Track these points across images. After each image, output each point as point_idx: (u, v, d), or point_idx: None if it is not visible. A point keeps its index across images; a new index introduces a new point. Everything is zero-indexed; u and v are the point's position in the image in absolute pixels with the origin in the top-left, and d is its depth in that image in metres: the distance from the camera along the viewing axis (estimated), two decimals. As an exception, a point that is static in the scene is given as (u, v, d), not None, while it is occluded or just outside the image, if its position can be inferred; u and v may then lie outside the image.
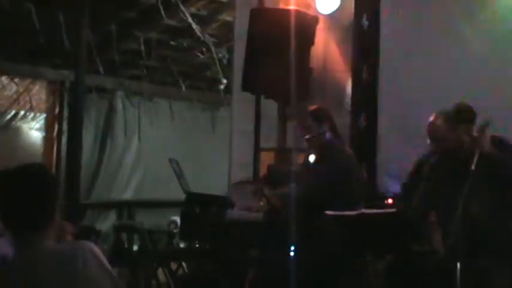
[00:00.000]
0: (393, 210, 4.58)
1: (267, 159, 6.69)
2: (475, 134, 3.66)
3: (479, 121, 3.78)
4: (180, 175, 5.40)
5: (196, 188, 5.64)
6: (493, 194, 3.70)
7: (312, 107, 5.04)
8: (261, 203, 4.92)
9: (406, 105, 5.77)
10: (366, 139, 6.08)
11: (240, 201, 5.56)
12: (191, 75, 9.51)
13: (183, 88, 9.53)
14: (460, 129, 3.80)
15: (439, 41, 5.62)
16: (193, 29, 8.39)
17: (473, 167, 3.46)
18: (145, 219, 7.10)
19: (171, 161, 5.46)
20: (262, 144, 6.96)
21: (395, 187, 5.42)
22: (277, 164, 6.39)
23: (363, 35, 6.13)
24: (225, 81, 8.83)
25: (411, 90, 5.77)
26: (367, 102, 6.14)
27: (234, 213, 5.09)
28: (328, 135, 4.77)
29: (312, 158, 4.87)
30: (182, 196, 5.37)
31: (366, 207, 4.46)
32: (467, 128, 3.79)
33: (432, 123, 3.89)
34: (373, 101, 6.06)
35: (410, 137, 5.42)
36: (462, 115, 3.86)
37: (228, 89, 7.95)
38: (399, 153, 5.66)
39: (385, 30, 5.97)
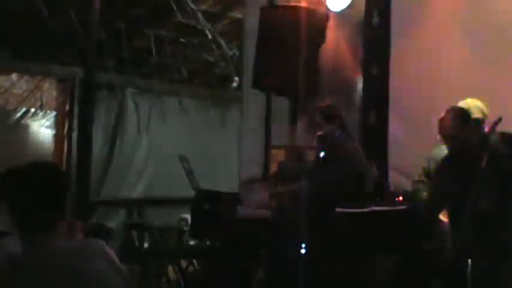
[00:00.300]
0: (403, 207, 4.58)
1: (277, 156, 6.68)
2: (486, 130, 3.67)
3: (491, 118, 3.80)
4: (189, 172, 5.40)
5: (206, 185, 5.64)
6: (503, 191, 3.68)
7: (322, 104, 5.08)
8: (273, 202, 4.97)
9: (416, 103, 5.77)
10: (376, 136, 6.09)
11: (250, 198, 5.54)
12: (201, 72, 9.51)
13: (194, 86, 9.55)
14: (470, 127, 3.77)
15: (450, 37, 5.63)
16: (203, 27, 8.37)
17: (483, 165, 3.45)
18: (155, 217, 7.12)
19: (181, 158, 5.46)
20: (273, 142, 6.97)
21: (406, 184, 5.40)
22: (288, 161, 6.37)
23: (374, 33, 6.16)
24: (236, 78, 8.83)
25: (421, 88, 5.76)
26: (377, 100, 6.15)
27: (244, 210, 5.07)
28: (337, 132, 4.78)
29: (321, 155, 4.88)
30: (192, 193, 5.39)
31: (376, 205, 4.52)
32: (476, 126, 3.85)
33: (442, 120, 3.83)
34: (384, 98, 6.06)
35: (421, 134, 5.42)
36: (472, 112, 3.88)
37: (239, 86, 8.10)
38: (409, 150, 5.66)
39: (395, 27, 5.99)
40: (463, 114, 3.80)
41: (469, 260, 3.42)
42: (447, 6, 5.68)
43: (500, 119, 3.61)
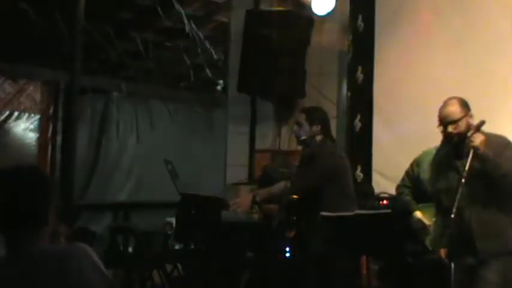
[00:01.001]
0: (388, 211, 4.62)
1: (262, 160, 6.69)
2: (469, 133, 3.67)
3: (476, 120, 3.80)
4: (174, 176, 5.34)
5: (192, 189, 5.55)
6: (487, 193, 3.72)
7: (306, 108, 5.09)
8: (253, 212, 4.89)
9: (401, 107, 5.81)
10: (361, 140, 6.08)
11: (235, 202, 5.36)
12: (187, 76, 9.49)
13: (179, 89, 9.51)
14: (470, 116, 3.78)
15: (436, 42, 5.64)
16: (189, 30, 8.36)
17: (466, 167, 3.51)
18: (140, 221, 7.09)
19: (166, 162, 5.41)
20: (258, 146, 6.95)
21: (390, 188, 5.40)
22: (273, 165, 6.37)
23: (359, 36, 6.15)
24: (220, 82, 8.82)
25: (407, 92, 5.78)
26: (362, 103, 6.13)
27: (229, 214, 4.98)
28: (319, 137, 4.73)
29: (303, 159, 4.88)
30: (178, 198, 5.31)
31: (361, 208, 4.58)
32: (470, 118, 3.82)
33: (446, 105, 3.78)
34: (369, 102, 6.06)
35: (405, 138, 5.54)
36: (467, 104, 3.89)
37: (224, 89, 8.11)
38: (393, 154, 5.70)
39: (380, 31, 6.01)
40: (464, 101, 3.81)
41: (452, 263, 3.50)
42: (431, 9, 5.71)
43: (483, 122, 3.67)
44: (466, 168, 3.50)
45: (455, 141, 3.76)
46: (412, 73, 5.74)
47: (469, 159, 3.52)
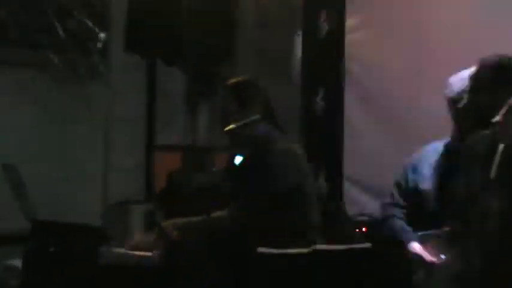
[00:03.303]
0: (366, 245, 4.37)
1: (166, 162, 6.72)
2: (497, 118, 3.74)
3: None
4: (20, 191, 5.20)
5: (51, 212, 5.56)
6: None
7: (234, 81, 4.99)
8: (154, 237, 4.80)
9: (388, 73, 5.96)
10: (325, 127, 6.28)
11: (123, 232, 5.65)
12: (50, 29, 8.85)
13: (38, 52, 8.92)
14: (503, 93, 3.82)
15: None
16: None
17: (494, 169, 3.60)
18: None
19: (6, 168, 5.30)
20: (160, 140, 7.02)
21: (370, 206, 5.70)
22: (183, 171, 6.43)
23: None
24: (101, 35, 8.46)
25: (396, 48, 5.95)
26: (327, 71, 6.30)
27: (114, 252, 4.81)
28: (260, 125, 4.70)
29: (238, 160, 4.74)
30: (27, 226, 5.15)
31: (327, 240, 4.57)
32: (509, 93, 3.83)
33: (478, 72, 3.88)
34: (337, 68, 6.22)
35: (395, 124, 5.76)
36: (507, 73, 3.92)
37: (104, 50, 8.00)
38: (377, 151, 5.91)
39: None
40: (497, 73, 3.84)
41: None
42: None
43: None
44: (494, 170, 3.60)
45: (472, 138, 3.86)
46: (402, 21, 5.89)
47: (497, 159, 3.61)
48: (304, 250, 3.88)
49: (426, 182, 4.51)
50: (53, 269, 5.05)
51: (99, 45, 8.16)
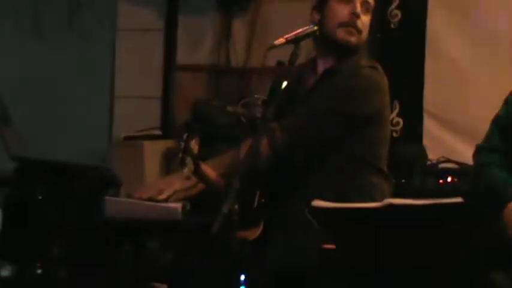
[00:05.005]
0: (458, 199, 3.62)
1: (190, 88, 6.61)
2: None
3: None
4: (3, 123, 5.15)
5: (42, 149, 5.73)
6: None
7: None
8: (185, 173, 4.20)
9: None
10: (402, 45, 6.05)
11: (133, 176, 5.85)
12: None
13: None
14: None
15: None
16: None
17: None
18: None
19: None
20: (182, 58, 6.74)
21: (459, 149, 5.72)
22: (211, 99, 6.41)
23: None
24: None
25: None
26: None
27: (123, 202, 4.31)
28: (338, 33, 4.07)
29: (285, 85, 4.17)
30: (8, 166, 5.07)
31: (402, 193, 4.29)
32: None
33: None
34: None
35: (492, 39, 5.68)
36: None
37: None
38: (468, 77, 5.86)
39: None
40: None
41: None
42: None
43: None
44: None
45: None
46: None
47: None
48: (378, 204, 3.29)
49: None
50: (42, 223, 5.04)
51: None
